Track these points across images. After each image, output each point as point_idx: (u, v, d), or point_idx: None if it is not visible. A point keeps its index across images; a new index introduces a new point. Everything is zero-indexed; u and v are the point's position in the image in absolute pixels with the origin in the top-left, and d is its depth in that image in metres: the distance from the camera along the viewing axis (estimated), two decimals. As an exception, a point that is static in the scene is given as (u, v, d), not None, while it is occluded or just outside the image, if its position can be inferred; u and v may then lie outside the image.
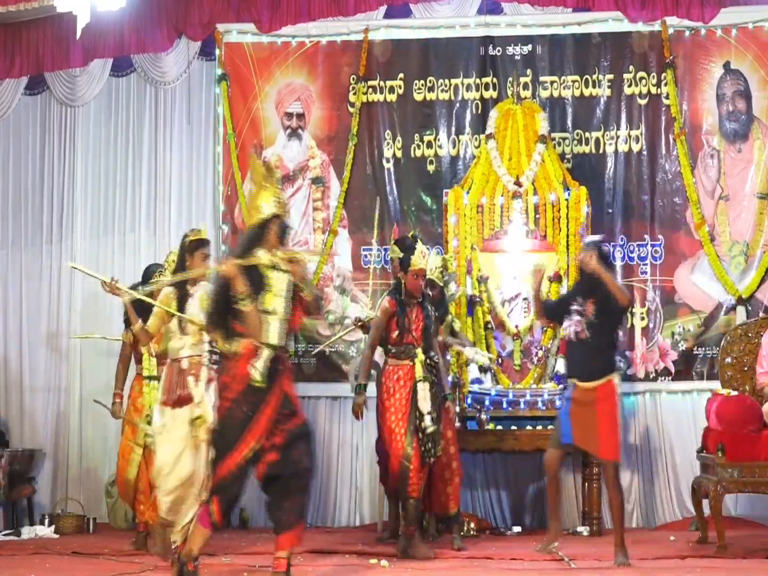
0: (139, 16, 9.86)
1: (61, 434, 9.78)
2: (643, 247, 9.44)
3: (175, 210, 9.98)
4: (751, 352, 8.12)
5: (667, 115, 9.51)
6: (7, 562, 7.25)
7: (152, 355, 7.26)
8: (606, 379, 6.87)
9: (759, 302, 9.27)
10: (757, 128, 9.47)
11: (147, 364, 7.28)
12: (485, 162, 9.11)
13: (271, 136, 9.93)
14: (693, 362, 9.33)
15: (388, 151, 9.78)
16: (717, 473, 7.32)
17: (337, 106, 9.88)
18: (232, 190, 9.83)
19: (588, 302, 6.90)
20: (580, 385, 6.89)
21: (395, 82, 9.81)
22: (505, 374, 8.88)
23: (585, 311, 6.91)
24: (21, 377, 9.97)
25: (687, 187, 9.40)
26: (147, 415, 7.27)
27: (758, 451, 7.32)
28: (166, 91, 10.08)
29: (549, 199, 8.91)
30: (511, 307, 8.98)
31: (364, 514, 9.49)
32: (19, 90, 10.17)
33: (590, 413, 6.81)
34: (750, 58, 9.46)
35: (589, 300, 6.90)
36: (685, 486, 8.96)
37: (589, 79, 9.62)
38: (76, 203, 10.04)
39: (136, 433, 7.43)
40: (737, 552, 7.23)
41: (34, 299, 10.04)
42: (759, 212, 9.35)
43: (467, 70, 9.73)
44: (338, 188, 9.80)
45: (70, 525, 9.02)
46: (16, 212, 10.14)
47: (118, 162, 10.08)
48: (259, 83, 9.92)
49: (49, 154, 10.15)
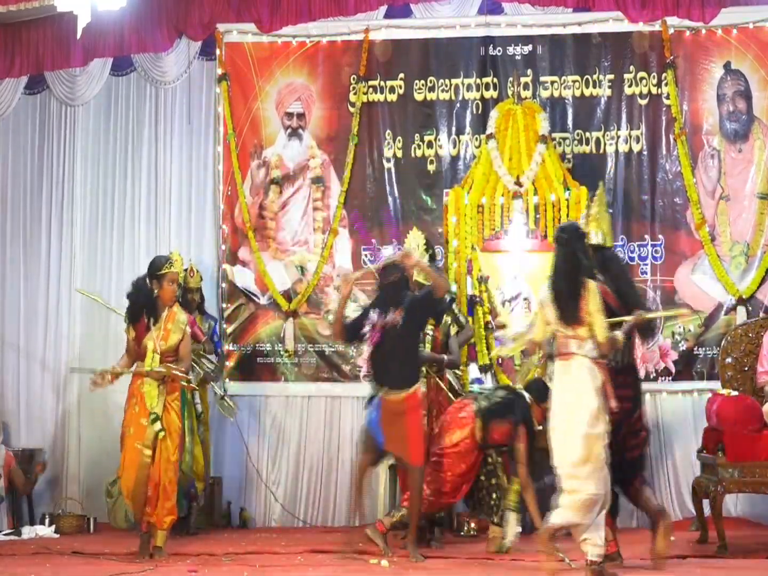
0: (140, 15, 9.86)
1: (61, 434, 9.78)
2: (643, 247, 9.44)
3: (175, 210, 9.98)
4: (751, 352, 8.12)
5: (668, 115, 9.51)
6: (7, 562, 7.25)
7: (156, 351, 7.18)
8: (413, 390, 7.14)
9: (759, 302, 9.27)
10: (758, 128, 9.47)
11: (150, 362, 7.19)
12: (486, 162, 9.11)
13: (271, 136, 9.93)
14: (693, 362, 9.33)
15: (389, 151, 9.78)
16: (717, 473, 7.32)
17: (337, 106, 9.88)
18: (232, 190, 9.83)
19: (396, 312, 7.06)
20: (388, 395, 7.08)
21: (396, 82, 9.81)
22: (505, 374, 8.88)
23: (388, 323, 7.06)
24: (19, 376, 9.97)
25: (687, 187, 9.40)
26: (153, 413, 7.13)
27: (758, 451, 7.32)
28: (166, 90, 10.08)
29: (549, 199, 8.91)
30: (512, 307, 8.98)
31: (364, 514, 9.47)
32: (18, 89, 10.17)
33: (399, 422, 7.09)
34: (750, 58, 9.46)
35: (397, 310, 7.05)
36: (685, 486, 8.96)
37: (589, 79, 9.62)
38: (75, 203, 10.04)
39: (144, 434, 7.15)
40: (737, 552, 7.22)
41: (33, 298, 10.03)
42: (759, 212, 9.35)
43: (468, 70, 9.72)
44: (338, 188, 9.80)
45: (70, 525, 9.02)
46: (15, 212, 10.13)
47: (118, 162, 10.07)
48: (260, 83, 9.92)
49: (48, 153, 10.14)
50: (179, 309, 7.37)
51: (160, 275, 7.22)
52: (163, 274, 7.22)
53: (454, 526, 8.49)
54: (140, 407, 7.16)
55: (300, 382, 9.72)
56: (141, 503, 7.13)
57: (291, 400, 9.73)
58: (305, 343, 9.70)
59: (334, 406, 9.67)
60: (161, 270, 7.23)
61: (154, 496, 7.11)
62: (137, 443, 7.12)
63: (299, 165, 9.92)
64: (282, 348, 9.70)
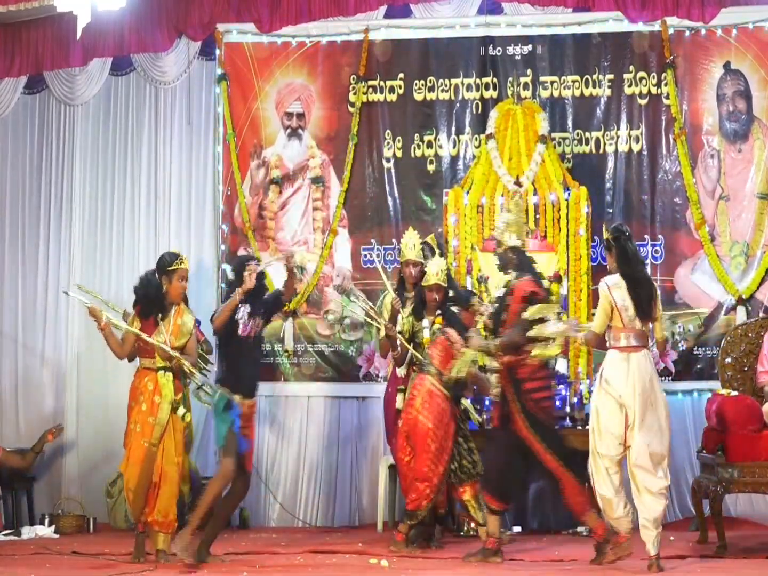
0: (140, 16, 9.86)
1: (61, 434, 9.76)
2: (643, 247, 9.42)
3: (175, 210, 9.97)
4: (751, 352, 8.11)
5: (668, 115, 9.51)
6: (7, 562, 7.25)
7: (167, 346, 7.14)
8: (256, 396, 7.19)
9: (759, 302, 9.27)
10: (758, 128, 9.47)
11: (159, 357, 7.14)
12: (485, 162, 9.11)
13: (271, 136, 9.93)
14: (693, 362, 9.32)
15: (388, 151, 9.78)
16: (717, 473, 7.31)
17: (337, 105, 9.88)
18: (232, 190, 9.83)
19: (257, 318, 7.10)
20: (246, 401, 7.03)
21: (395, 82, 9.81)
22: (505, 374, 8.86)
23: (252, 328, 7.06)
24: (18, 375, 9.96)
25: (687, 187, 9.40)
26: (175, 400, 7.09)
27: (758, 451, 7.31)
28: (166, 90, 10.07)
29: (549, 199, 8.91)
30: (512, 307, 8.94)
31: (364, 514, 9.48)
32: (18, 89, 10.16)
33: (251, 428, 7.15)
34: (750, 58, 9.45)
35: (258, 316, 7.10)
36: (685, 486, 8.96)
37: (589, 79, 9.62)
38: (74, 203, 10.03)
39: (151, 432, 7.05)
40: (737, 552, 7.22)
41: (32, 297, 10.03)
42: (759, 212, 9.35)
43: (467, 70, 9.72)
44: (338, 188, 9.79)
45: (70, 525, 9.02)
46: (14, 211, 10.12)
47: (117, 162, 10.07)
48: (259, 83, 9.92)
49: (47, 153, 10.14)
50: (187, 308, 7.36)
51: (171, 271, 7.17)
52: (173, 270, 7.17)
53: (454, 526, 8.48)
54: (147, 405, 7.10)
55: (300, 382, 9.71)
56: (142, 499, 7.08)
57: (291, 400, 9.73)
58: (305, 343, 9.70)
59: (333, 406, 9.67)
60: (172, 266, 7.18)
61: (153, 496, 7.09)
62: (144, 440, 7.06)
63: (299, 165, 9.91)
64: (281, 348, 9.70)
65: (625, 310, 6.61)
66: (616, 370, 6.59)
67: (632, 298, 6.61)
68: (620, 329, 6.63)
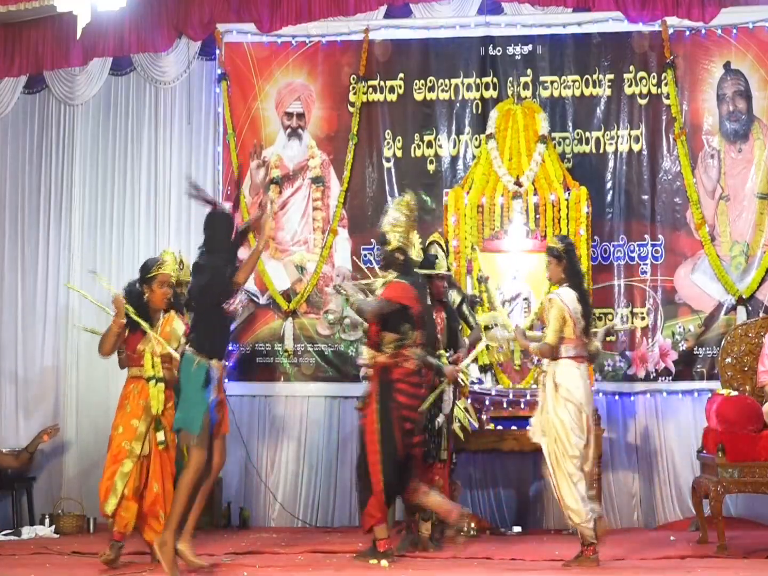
0: (140, 16, 9.86)
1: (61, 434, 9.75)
2: (643, 246, 9.44)
3: (175, 210, 9.97)
4: (751, 352, 8.12)
5: (668, 115, 9.51)
6: (7, 562, 7.25)
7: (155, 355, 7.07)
8: None
9: (759, 302, 9.27)
10: (758, 128, 9.47)
11: (149, 365, 7.08)
12: (485, 162, 9.11)
13: (271, 136, 9.93)
14: (693, 362, 9.33)
15: (388, 151, 9.78)
16: (717, 473, 7.32)
17: (337, 105, 9.88)
18: (232, 190, 9.82)
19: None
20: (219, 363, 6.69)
21: (395, 81, 9.81)
22: (505, 374, 8.88)
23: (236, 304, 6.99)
24: (17, 374, 9.96)
25: (687, 187, 9.40)
26: (158, 420, 6.97)
27: (758, 451, 7.33)
28: (166, 90, 10.08)
29: (549, 199, 8.91)
30: (512, 307, 8.97)
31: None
32: (18, 89, 10.17)
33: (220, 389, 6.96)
34: (750, 58, 9.46)
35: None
36: (685, 486, 8.96)
37: (589, 79, 9.63)
38: (74, 202, 10.04)
39: (133, 434, 7.00)
40: (737, 552, 7.23)
41: (31, 297, 10.03)
42: (759, 212, 9.35)
43: (467, 70, 9.73)
44: (338, 188, 9.80)
45: (70, 525, 9.03)
46: (14, 211, 10.13)
47: (117, 161, 10.08)
48: (259, 83, 9.92)
49: (47, 153, 10.14)
50: (176, 317, 7.26)
51: (150, 278, 7.07)
52: (152, 277, 7.06)
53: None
54: (132, 407, 7.03)
55: (299, 382, 9.72)
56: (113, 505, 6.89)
57: (291, 400, 9.73)
58: (305, 343, 9.70)
59: (333, 406, 9.68)
60: (150, 273, 7.07)
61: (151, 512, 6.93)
62: (124, 442, 6.99)
63: (299, 165, 9.92)
64: (281, 348, 9.71)
65: (578, 322, 6.86)
66: (573, 378, 6.83)
67: (582, 312, 6.88)
68: (572, 340, 6.87)
